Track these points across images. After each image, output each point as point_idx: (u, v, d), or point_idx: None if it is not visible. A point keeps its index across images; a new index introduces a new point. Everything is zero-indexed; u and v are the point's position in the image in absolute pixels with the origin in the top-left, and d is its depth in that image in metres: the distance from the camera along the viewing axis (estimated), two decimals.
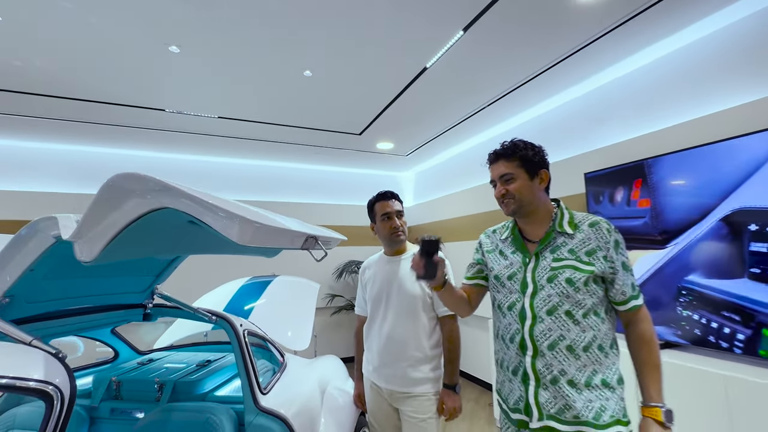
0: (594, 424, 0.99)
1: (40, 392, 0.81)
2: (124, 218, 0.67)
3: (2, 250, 0.97)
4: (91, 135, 3.40)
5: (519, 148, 1.17)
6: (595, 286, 1.06)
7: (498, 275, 1.20)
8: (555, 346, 1.04)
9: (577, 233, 1.11)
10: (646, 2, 1.81)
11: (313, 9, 1.84)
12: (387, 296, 1.59)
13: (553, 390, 1.03)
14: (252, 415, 1.38)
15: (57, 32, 1.95)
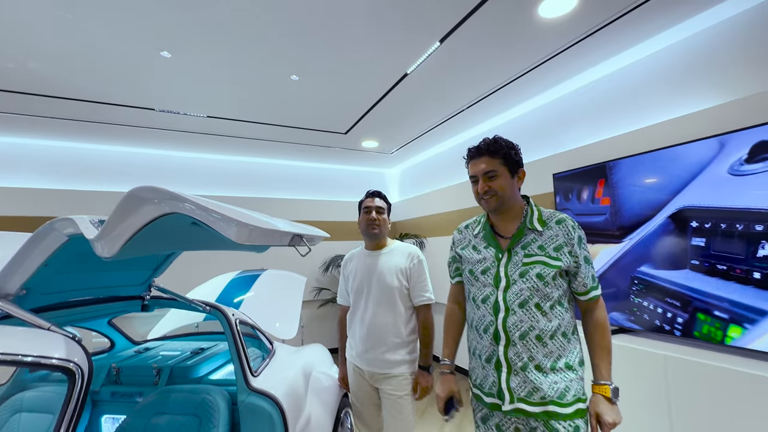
0: (559, 403, 1.09)
1: (64, 369, 0.94)
2: (140, 221, 0.80)
3: (21, 247, 1.09)
4: (77, 132, 3.46)
5: (502, 146, 1.21)
6: (560, 279, 1.15)
7: (472, 269, 1.25)
8: (525, 336, 1.12)
9: (545, 230, 1.18)
10: (603, 21, 2.00)
11: (299, 19, 1.95)
12: (368, 288, 1.74)
13: (522, 375, 1.12)
14: (244, 395, 1.52)
15: (51, 37, 2.03)
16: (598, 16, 1.96)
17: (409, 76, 2.60)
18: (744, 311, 1.68)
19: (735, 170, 1.80)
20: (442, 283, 4.18)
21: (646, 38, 2.19)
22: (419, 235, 4.59)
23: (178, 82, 2.59)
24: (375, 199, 1.81)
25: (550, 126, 3.03)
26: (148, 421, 1.50)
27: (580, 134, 2.76)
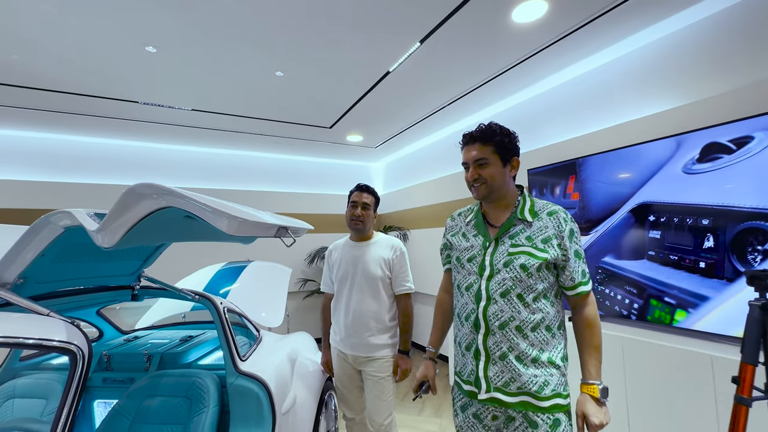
0: (536, 396, 1.06)
1: (66, 350, 1.02)
2: (138, 214, 0.88)
3: (19, 238, 1.15)
4: (60, 124, 3.43)
5: (496, 133, 1.17)
6: (546, 272, 1.11)
7: (459, 257, 1.24)
8: (505, 326, 1.09)
9: (535, 221, 1.14)
10: (571, 27, 2.13)
11: (283, 17, 2.01)
12: (353, 277, 1.85)
13: (501, 365, 1.09)
14: (233, 378, 1.62)
15: (35, 30, 2.04)
16: (566, 23, 2.09)
17: (391, 74, 2.69)
18: (689, 297, 1.86)
19: (688, 169, 1.97)
20: (425, 273, 4.38)
21: (612, 43, 2.33)
22: (403, 228, 4.72)
23: (164, 76, 2.61)
24: (363, 194, 1.90)
25: (526, 123, 3.17)
26: (141, 403, 1.59)
27: (554, 132, 2.91)
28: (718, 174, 1.83)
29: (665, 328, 1.96)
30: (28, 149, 3.70)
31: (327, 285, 2.01)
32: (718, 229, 1.81)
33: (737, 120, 1.76)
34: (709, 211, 1.82)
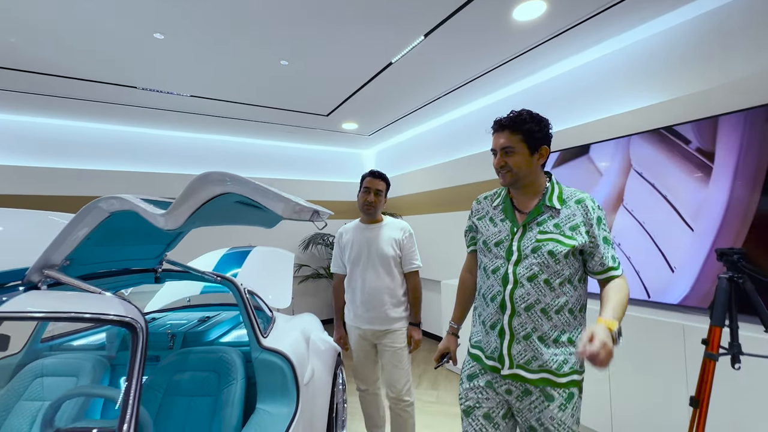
0: (555, 373, 1.12)
1: (128, 324, 1.11)
2: (203, 198, 0.98)
3: (69, 222, 1.22)
4: (55, 108, 3.36)
5: (525, 121, 1.17)
6: (573, 258, 1.14)
7: (486, 240, 1.26)
8: (531, 309, 1.14)
9: (563, 208, 1.16)
10: (567, 25, 2.28)
11: (293, 7, 2.04)
12: (367, 256, 1.99)
13: (524, 344, 1.14)
14: (257, 353, 1.74)
15: (37, 13, 2.02)
16: (563, 21, 2.23)
17: (393, 65, 2.78)
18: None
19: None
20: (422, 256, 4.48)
21: (603, 40, 2.50)
22: (396, 214, 4.86)
23: (168, 62, 2.62)
24: (376, 181, 2.02)
25: None
26: (171, 378, 1.69)
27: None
28: None
29: (643, 302, 2.20)
30: (20, 134, 3.60)
31: (338, 266, 2.14)
32: None
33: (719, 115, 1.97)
34: None
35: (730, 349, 1.30)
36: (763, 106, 1.78)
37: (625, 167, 2.34)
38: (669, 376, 1.90)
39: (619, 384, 2.13)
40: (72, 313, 1.11)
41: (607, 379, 2.17)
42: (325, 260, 5.11)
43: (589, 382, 2.20)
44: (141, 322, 1.16)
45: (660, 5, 2.11)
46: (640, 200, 2.26)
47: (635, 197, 2.28)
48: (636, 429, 2.05)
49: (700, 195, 1.98)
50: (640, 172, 2.26)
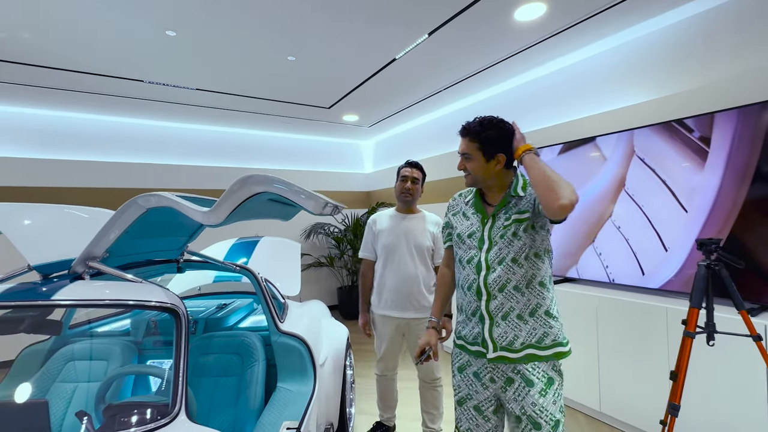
0: (537, 347, 1.18)
1: (172, 310, 1.24)
2: (242, 196, 1.10)
3: (110, 218, 1.32)
4: (63, 101, 3.39)
5: (484, 128, 1.24)
6: (532, 231, 1.22)
7: (460, 233, 1.34)
8: (504, 289, 1.21)
9: (526, 194, 1.25)
10: (566, 25, 2.38)
11: (302, 4, 2.10)
12: (405, 245, 2.03)
13: (504, 325, 1.20)
14: (276, 336, 1.87)
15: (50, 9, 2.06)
16: (562, 21, 2.34)
17: (396, 61, 2.87)
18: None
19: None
20: None
21: (598, 39, 2.61)
22: (393, 204, 4.98)
23: (178, 58, 2.67)
24: (413, 170, 2.09)
25: (514, 109, 3.45)
26: (196, 360, 1.82)
27: (541, 117, 3.21)
28: None
29: (630, 287, 2.38)
30: (31, 126, 3.63)
31: (369, 252, 2.17)
32: None
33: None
34: None
35: (706, 328, 1.47)
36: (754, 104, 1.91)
37: (628, 154, 2.41)
38: (653, 354, 2.08)
39: (607, 363, 2.31)
40: (121, 301, 1.23)
41: (597, 359, 2.35)
42: (325, 249, 5.24)
43: (580, 363, 2.39)
44: (182, 308, 1.28)
45: (651, 9, 2.23)
46: (640, 185, 2.35)
47: (636, 183, 2.38)
48: (621, 403, 2.24)
49: (695, 179, 2.08)
50: (642, 158, 2.34)
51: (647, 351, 2.11)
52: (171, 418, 1.04)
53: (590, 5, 2.16)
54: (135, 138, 4.14)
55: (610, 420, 2.34)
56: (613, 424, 2.32)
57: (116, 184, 4.00)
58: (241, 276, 2.54)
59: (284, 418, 1.54)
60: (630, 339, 2.20)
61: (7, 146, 3.55)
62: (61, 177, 3.70)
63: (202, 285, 2.67)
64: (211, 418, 1.70)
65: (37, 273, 1.36)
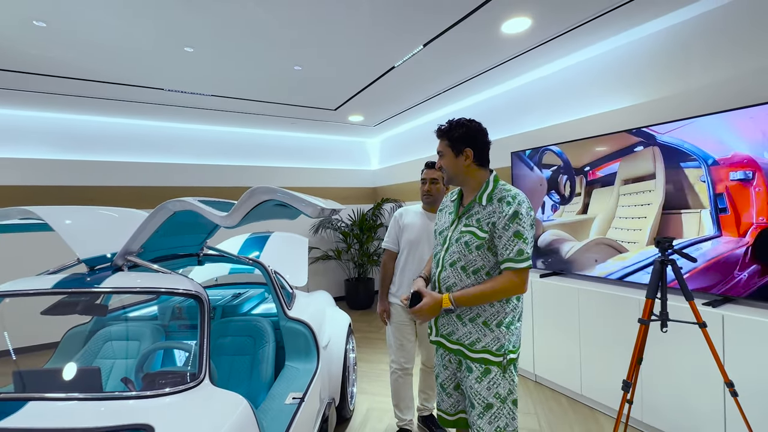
0: (468, 348, 1.32)
1: (197, 296, 1.49)
2: (252, 203, 1.33)
3: (144, 219, 1.57)
4: (90, 107, 3.70)
5: (451, 128, 1.36)
6: (487, 252, 1.29)
7: (436, 230, 1.50)
8: (450, 289, 1.34)
9: (488, 205, 1.30)
10: (550, 36, 2.54)
11: (305, 18, 2.28)
12: (427, 242, 2.09)
13: (445, 319, 1.38)
14: (284, 321, 2.12)
15: (88, 33, 2.33)
16: (545, 33, 2.50)
17: (395, 69, 3.06)
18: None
19: None
20: None
21: (580, 48, 2.77)
22: (398, 200, 5.20)
23: (195, 69, 2.92)
24: (431, 171, 2.10)
25: (510, 111, 3.62)
26: (215, 342, 2.09)
27: (533, 120, 3.38)
28: None
29: (607, 279, 2.56)
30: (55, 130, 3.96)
31: (393, 243, 2.19)
32: None
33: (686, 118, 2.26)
34: None
35: (659, 317, 1.66)
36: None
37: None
38: (628, 341, 2.28)
39: (587, 350, 2.51)
40: (156, 288, 1.49)
41: (578, 346, 2.55)
42: (333, 243, 5.50)
43: (562, 351, 2.59)
44: (205, 295, 1.54)
45: (624, 23, 2.38)
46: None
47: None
48: (600, 386, 2.45)
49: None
50: None
51: (622, 338, 2.30)
52: (198, 383, 1.30)
53: (570, 19, 2.32)
54: (153, 139, 4.45)
55: (589, 402, 2.55)
56: (593, 405, 2.52)
57: (137, 182, 4.32)
58: (254, 268, 2.83)
59: (291, 390, 1.80)
60: (610, 326, 2.39)
61: (35, 148, 3.88)
62: (84, 176, 4.02)
63: (219, 276, 2.95)
64: (228, 390, 1.97)
65: (85, 265, 1.63)
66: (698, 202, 2.13)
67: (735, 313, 1.85)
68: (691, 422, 1.99)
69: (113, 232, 1.83)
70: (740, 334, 1.81)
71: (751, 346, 1.77)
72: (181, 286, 1.51)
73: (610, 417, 2.38)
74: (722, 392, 1.86)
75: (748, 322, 1.79)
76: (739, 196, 1.96)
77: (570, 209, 2.83)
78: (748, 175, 1.92)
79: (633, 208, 2.43)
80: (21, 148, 3.83)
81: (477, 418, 1.31)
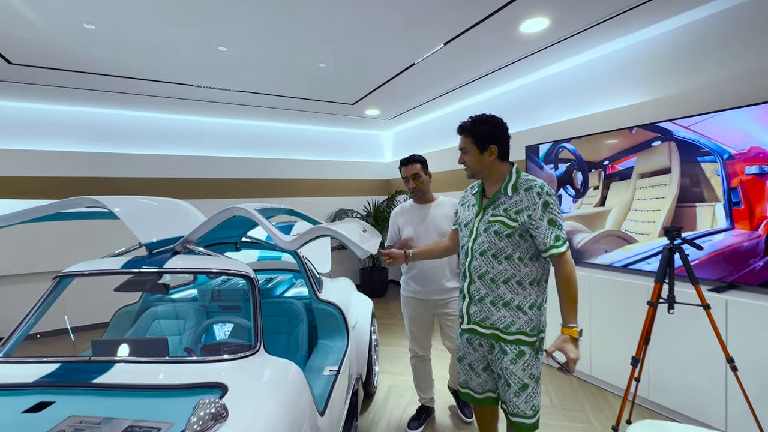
0: (504, 331, 1.37)
1: (248, 277, 1.67)
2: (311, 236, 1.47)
3: (210, 218, 1.72)
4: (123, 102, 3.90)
5: (475, 125, 1.39)
6: (519, 239, 1.34)
7: (460, 222, 1.55)
8: (482, 278, 1.40)
9: (514, 195, 1.36)
10: (566, 35, 2.65)
11: (332, 20, 2.42)
12: (425, 234, 2.10)
13: (479, 306, 1.41)
14: (316, 303, 2.30)
15: (131, 34, 2.49)
16: (564, 32, 2.61)
17: (415, 66, 3.19)
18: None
19: None
20: None
21: (596, 46, 2.87)
22: None
23: (225, 67, 3.08)
24: (408, 168, 2.11)
25: (525, 106, 3.73)
26: None
27: (548, 115, 3.49)
28: None
29: (617, 268, 2.70)
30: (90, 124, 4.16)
31: (392, 242, 2.26)
32: None
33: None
34: None
35: (667, 300, 1.81)
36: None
37: None
38: (634, 325, 2.42)
39: (597, 334, 2.67)
40: (213, 269, 1.66)
41: (589, 331, 2.71)
42: None
43: None
44: (254, 275, 1.72)
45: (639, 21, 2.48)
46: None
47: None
48: (608, 365, 2.60)
49: None
50: None
51: (631, 323, 2.45)
52: (255, 351, 1.48)
53: (587, 19, 2.43)
54: (178, 132, 4.64)
55: (598, 382, 2.71)
56: (602, 386, 2.69)
57: (161, 174, 4.52)
58: (281, 255, 3.01)
59: (327, 364, 1.99)
60: (618, 311, 2.54)
61: (65, 141, 4.09)
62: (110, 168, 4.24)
63: (249, 263, 3.14)
64: None
65: (146, 249, 1.81)
66: (713, 195, 2.19)
67: (739, 298, 1.99)
68: (694, 399, 2.14)
69: (163, 219, 2.02)
70: (742, 317, 1.95)
71: (753, 327, 1.91)
72: (233, 267, 1.69)
73: (618, 396, 2.54)
74: (724, 372, 2.01)
75: (751, 306, 1.93)
76: (753, 190, 2.03)
77: (588, 201, 2.94)
78: (763, 169, 1.98)
79: (648, 201, 2.54)
80: (52, 141, 4.04)
81: (513, 397, 1.38)
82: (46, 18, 2.25)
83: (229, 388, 1.22)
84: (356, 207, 5.70)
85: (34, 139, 3.94)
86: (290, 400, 1.29)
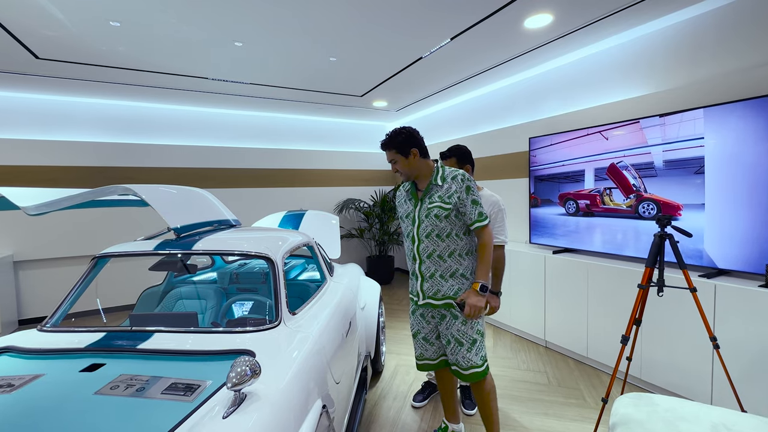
0: (453, 298, 1.68)
1: (268, 258, 1.82)
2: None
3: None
4: (140, 94, 4.04)
5: (393, 138, 1.66)
6: (454, 218, 1.64)
7: (401, 215, 1.82)
8: (431, 256, 1.68)
9: (444, 184, 1.66)
10: (569, 30, 2.73)
11: (344, 16, 2.53)
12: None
13: (430, 282, 1.70)
14: (328, 282, 2.47)
15: (154, 30, 2.62)
16: (567, 27, 2.69)
17: (422, 59, 3.29)
18: None
19: None
20: None
21: (598, 41, 2.95)
22: None
23: (239, 61, 3.20)
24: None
25: (528, 98, 3.82)
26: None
27: (551, 107, 3.58)
28: None
29: (612, 255, 2.82)
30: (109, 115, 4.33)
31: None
32: None
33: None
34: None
35: (656, 283, 1.93)
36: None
37: None
38: (629, 309, 2.56)
39: (594, 317, 2.81)
40: (239, 251, 1.82)
41: (586, 314, 2.85)
42: (356, 222, 5.83)
43: (572, 318, 2.89)
44: (274, 257, 1.88)
45: (643, 16, 2.55)
46: None
47: None
48: (603, 346, 2.75)
49: None
50: None
51: (626, 307, 2.58)
52: (277, 324, 1.64)
53: (590, 15, 2.52)
54: (191, 123, 4.79)
55: (594, 363, 2.86)
56: (597, 366, 2.84)
57: (175, 163, 4.68)
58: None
59: None
60: (613, 294, 2.67)
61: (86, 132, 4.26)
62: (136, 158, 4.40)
63: None
64: None
65: (174, 233, 1.97)
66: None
67: (726, 283, 2.11)
68: (682, 377, 2.28)
69: (185, 205, 2.18)
70: (729, 301, 2.08)
71: (739, 310, 2.04)
72: (255, 249, 1.85)
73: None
74: (711, 352, 2.14)
75: (737, 290, 2.05)
76: None
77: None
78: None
79: None
80: (74, 132, 4.21)
81: (467, 352, 1.69)
82: (73, 17, 2.39)
83: (257, 354, 1.38)
84: (364, 197, 5.84)
85: (59, 129, 4.12)
86: (308, 366, 1.45)
